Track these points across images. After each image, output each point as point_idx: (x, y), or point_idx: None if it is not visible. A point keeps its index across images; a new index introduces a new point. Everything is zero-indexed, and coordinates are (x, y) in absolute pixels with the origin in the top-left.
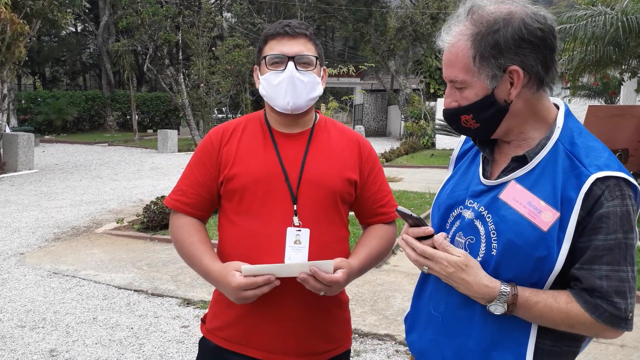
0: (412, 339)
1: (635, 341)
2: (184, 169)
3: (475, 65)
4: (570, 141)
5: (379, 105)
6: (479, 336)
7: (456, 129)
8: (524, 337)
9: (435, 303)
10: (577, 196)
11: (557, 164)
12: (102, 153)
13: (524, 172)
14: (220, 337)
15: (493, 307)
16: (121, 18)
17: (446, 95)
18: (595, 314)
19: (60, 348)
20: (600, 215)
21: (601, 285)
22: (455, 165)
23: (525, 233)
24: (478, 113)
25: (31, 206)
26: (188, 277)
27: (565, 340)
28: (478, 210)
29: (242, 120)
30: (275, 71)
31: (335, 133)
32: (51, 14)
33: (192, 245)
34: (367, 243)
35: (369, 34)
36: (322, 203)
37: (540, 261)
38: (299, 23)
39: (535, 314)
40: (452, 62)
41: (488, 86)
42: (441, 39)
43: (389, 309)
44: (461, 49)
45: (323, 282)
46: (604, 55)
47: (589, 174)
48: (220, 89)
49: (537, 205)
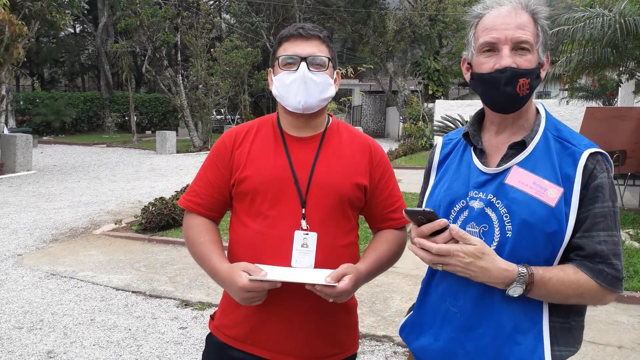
0: (423, 344)
1: (633, 342)
2: (182, 170)
3: (539, 36)
4: (555, 128)
5: (378, 106)
6: (501, 323)
7: (505, 93)
8: (539, 317)
9: (452, 299)
10: (576, 171)
11: (550, 147)
12: (101, 154)
13: (523, 157)
14: (227, 334)
15: (512, 289)
16: (120, 19)
17: (505, 55)
18: (599, 279)
19: (58, 349)
20: (596, 185)
21: (602, 250)
22: (438, 170)
23: (537, 211)
24: (533, 80)
25: (29, 207)
26: (186, 279)
27: (573, 315)
28: (487, 199)
29: (255, 123)
30: (288, 71)
31: (347, 137)
32: (50, 15)
33: (203, 245)
34: (377, 248)
35: (367, 36)
36: (331, 207)
37: (552, 236)
38: (312, 26)
39: (550, 290)
40: (523, 25)
41: (540, 58)
42: (497, 3)
43: (387, 310)
44: (528, 19)
45: (330, 295)
46: (602, 57)
47: (581, 151)
48: (218, 90)
49: (541, 184)
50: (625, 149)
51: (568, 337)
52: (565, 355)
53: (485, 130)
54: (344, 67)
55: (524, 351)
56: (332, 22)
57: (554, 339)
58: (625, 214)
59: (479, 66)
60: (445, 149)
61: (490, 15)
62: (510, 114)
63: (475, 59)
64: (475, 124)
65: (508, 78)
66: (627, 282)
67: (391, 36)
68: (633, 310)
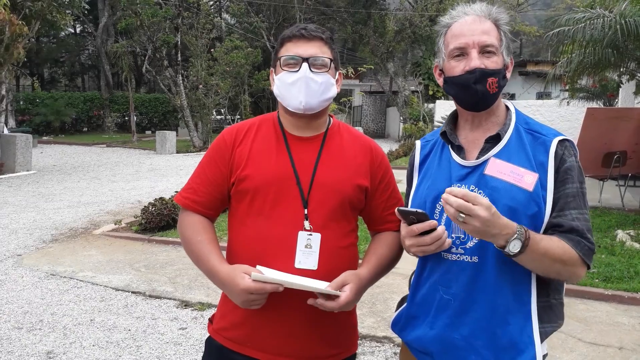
0: (418, 335)
1: (634, 344)
2: (182, 170)
3: (502, 41)
4: (525, 122)
5: (378, 107)
6: (494, 305)
7: (476, 91)
8: (528, 298)
9: (445, 287)
10: (548, 157)
11: (523, 138)
12: (100, 154)
13: (499, 148)
14: (226, 337)
15: (512, 244)
16: (120, 19)
17: (474, 58)
18: (578, 248)
19: (58, 350)
20: (566, 168)
21: (577, 225)
22: (420, 170)
23: (517, 196)
24: (500, 79)
25: (29, 207)
26: (186, 279)
27: (553, 293)
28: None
29: (255, 121)
30: (289, 71)
31: (348, 138)
32: (50, 15)
33: (200, 244)
34: (377, 252)
35: (367, 36)
36: (333, 208)
37: (533, 217)
38: (315, 27)
39: (541, 250)
40: (487, 31)
41: (505, 60)
42: (463, 13)
43: (388, 311)
44: (491, 26)
45: (334, 309)
46: (603, 57)
47: (551, 139)
48: (219, 90)
49: (518, 172)
50: (626, 149)
51: (550, 314)
52: (549, 331)
53: (461, 129)
54: (344, 68)
55: (514, 330)
56: (332, 22)
57: (540, 317)
58: (626, 215)
59: (450, 70)
60: (425, 150)
61: (457, 24)
62: (482, 111)
63: (446, 64)
64: (450, 123)
65: (477, 78)
66: (628, 283)
67: (391, 37)
68: (634, 312)
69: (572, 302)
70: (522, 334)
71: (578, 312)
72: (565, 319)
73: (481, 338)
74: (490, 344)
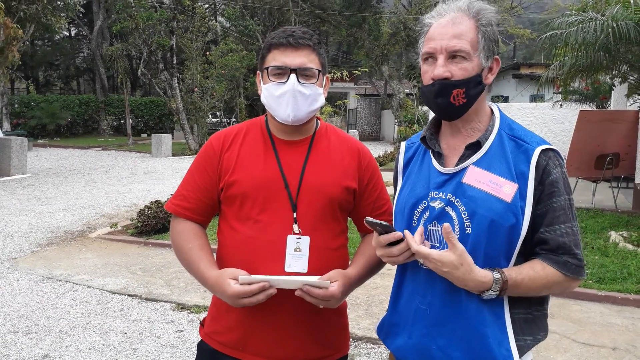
0: (398, 344)
1: (627, 344)
2: (178, 173)
3: (479, 43)
4: (509, 127)
5: (373, 109)
6: (469, 317)
7: (438, 104)
8: (501, 311)
9: (421, 296)
10: (529, 168)
11: (505, 146)
12: (96, 157)
13: (479, 156)
14: (218, 341)
15: (487, 294)
16: (115, 22)
17: (439, 65)
18: (565, 270)
19: (54, 353)
20: (551, 181)
21: (564, 242)
22: (404, 173)
23: (494, 207)
24: (469, 88)
25: (24, 211)
26: (182, 282)
27: (535, 306)
28: (446, 198)
29: (243, 126)
30: (277, 82)
31: (335, 141)
32: (45, 18)
33: (191, 251)
34: (366, 252)
35: (362, 39)
36: (321, 210)
37: (510, 229)
38: (302, 32)
39: (522, 289)
40: (459, 35)
41: (483, 64)
42: (438, 13)
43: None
44: (469, 26)
45: (318, 298)
46: (595, 60)
47: (534, 148)
48: (214, 93)
49: (497, 181)
50: (619, 151)
51: (532, 326)
52: (531, 343)
53: (442, 134)
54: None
55: (492, 343)
56: (327, 25)
57: (518, 329)
58: (619, 217)
59: (423, 74)
60: (408, 152)
61: (433, 25)
62: (455, 120)
63: (422, 68)
64: (433, 127)
65: (437, 91)
66: (621, 284)
67: (386, 39)
68: (627, 312)
69: (566, 303)
70: (500, 346)
71: (572, 313)
72: (559, 320)
73: (458, 349)
74: (468, 356)
